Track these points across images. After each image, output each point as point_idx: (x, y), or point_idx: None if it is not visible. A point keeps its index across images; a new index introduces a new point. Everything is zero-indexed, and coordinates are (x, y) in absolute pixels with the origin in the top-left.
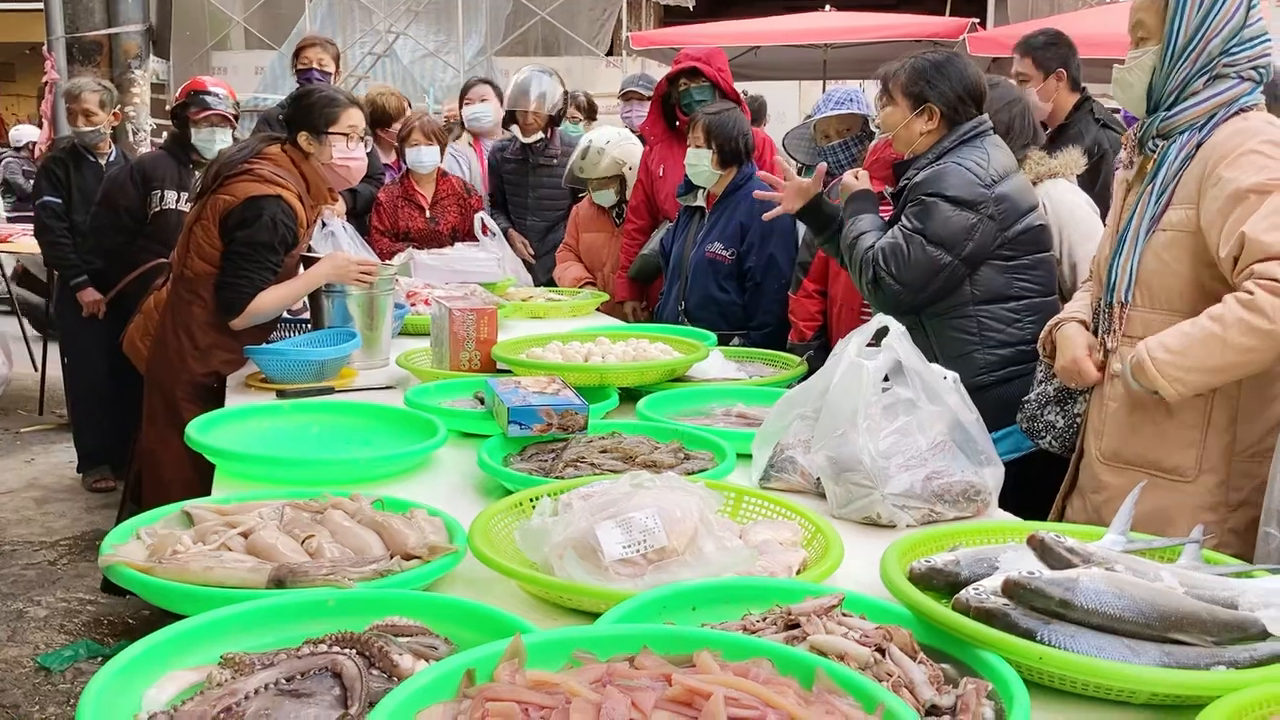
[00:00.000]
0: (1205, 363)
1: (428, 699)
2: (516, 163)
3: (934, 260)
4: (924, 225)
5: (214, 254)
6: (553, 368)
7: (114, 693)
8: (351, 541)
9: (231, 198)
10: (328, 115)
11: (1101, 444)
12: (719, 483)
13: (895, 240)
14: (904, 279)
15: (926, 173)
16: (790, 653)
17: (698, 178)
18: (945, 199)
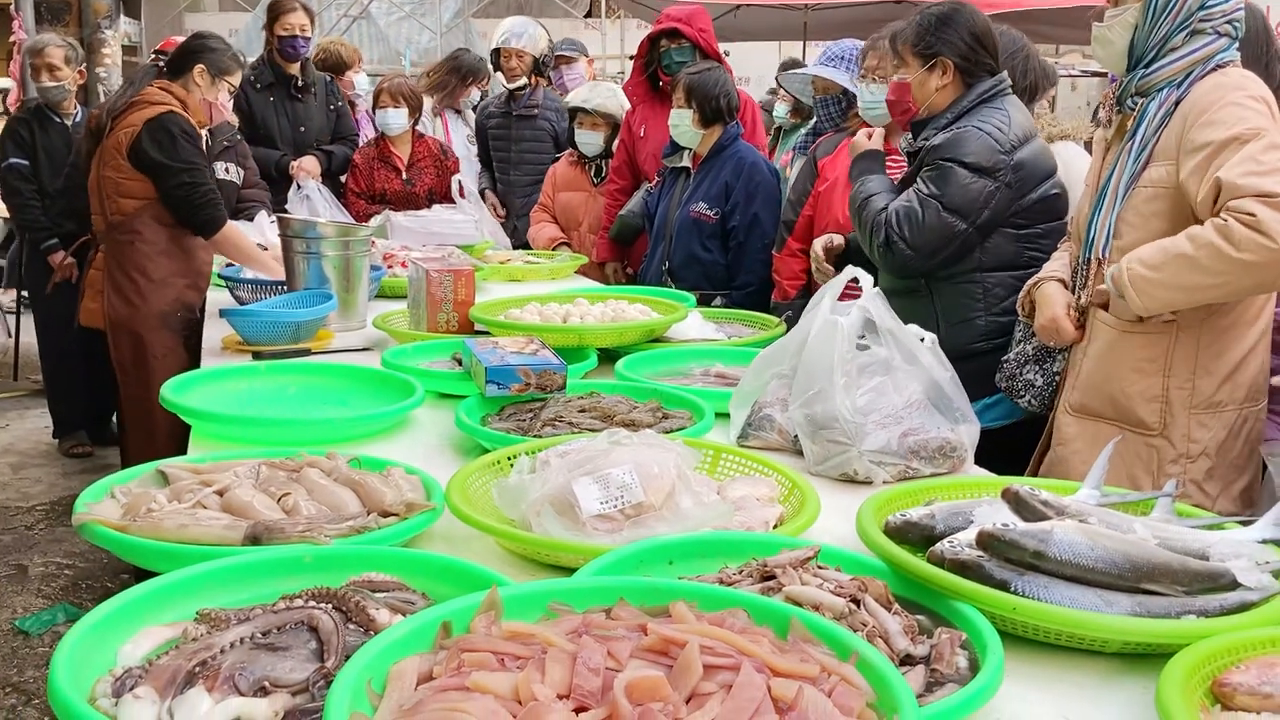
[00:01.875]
0: (1174, 280)
1: (403, 650)
2: (500, 116)
3: (948, 227)
4: (940, 191)
5: (135, 186)
6: (531, 328)
7: (89, 648)
8: (328, 499)
9: (130, 128)
10: (228, 66)
11: (1068, 396)
12: (697, 440)
13: (910, 204)
14: (916, 244)
15: (945, 135)
16: (765, 603)
17: (681, 138)
18: (963, 165)
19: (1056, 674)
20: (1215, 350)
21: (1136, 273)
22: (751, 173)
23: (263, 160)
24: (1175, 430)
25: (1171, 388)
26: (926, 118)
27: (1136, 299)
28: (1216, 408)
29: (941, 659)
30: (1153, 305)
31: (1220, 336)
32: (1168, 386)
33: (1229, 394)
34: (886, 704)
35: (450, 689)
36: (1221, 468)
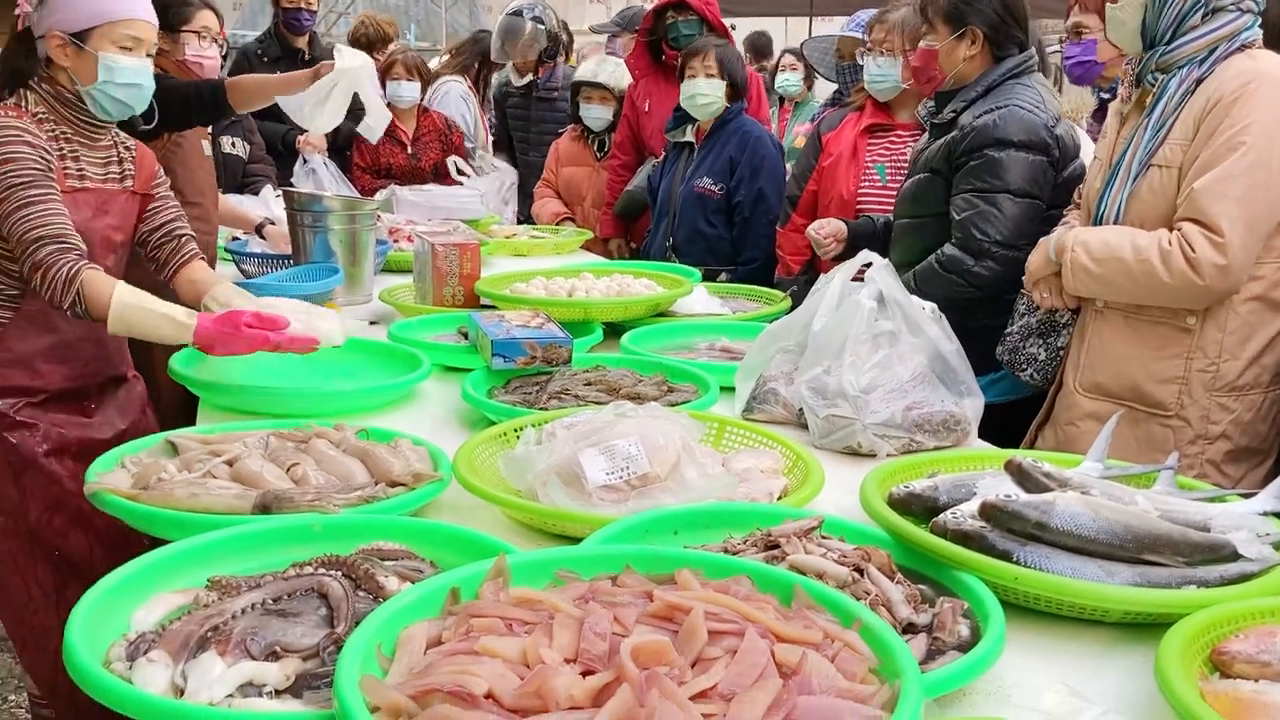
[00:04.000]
0: (1106, 277)
1: (412, 616)
2: (519, 96)
3: (1028, 211)
4: (1002, 179)
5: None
6: (537, 302)
7: (102, 613)
8: (336, 469)
9: None
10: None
11: (1081, 376)
12: (702, 413)
13: (978, 209)
14: (1011, 239)
15: (984, 119)
16: (770, 571)
17: (702, 109)
18: (1014, 145)
19: (1058, 643)
20: (1242, 335)
21: (1078, 259)
22: (756, 147)
23: (269, 134)
24: (1193, 411)
25: (1193, 370)
26: (953, 89)
27: (1070, 280)
28: (1240, 391)
29: (944, 627)
30: (1080, 291)
31: (1248, 319)
32: (1189, 369)
33: (1254, 377)
34: (889, 669)
35: (459, 653)
36: (1242, 450)
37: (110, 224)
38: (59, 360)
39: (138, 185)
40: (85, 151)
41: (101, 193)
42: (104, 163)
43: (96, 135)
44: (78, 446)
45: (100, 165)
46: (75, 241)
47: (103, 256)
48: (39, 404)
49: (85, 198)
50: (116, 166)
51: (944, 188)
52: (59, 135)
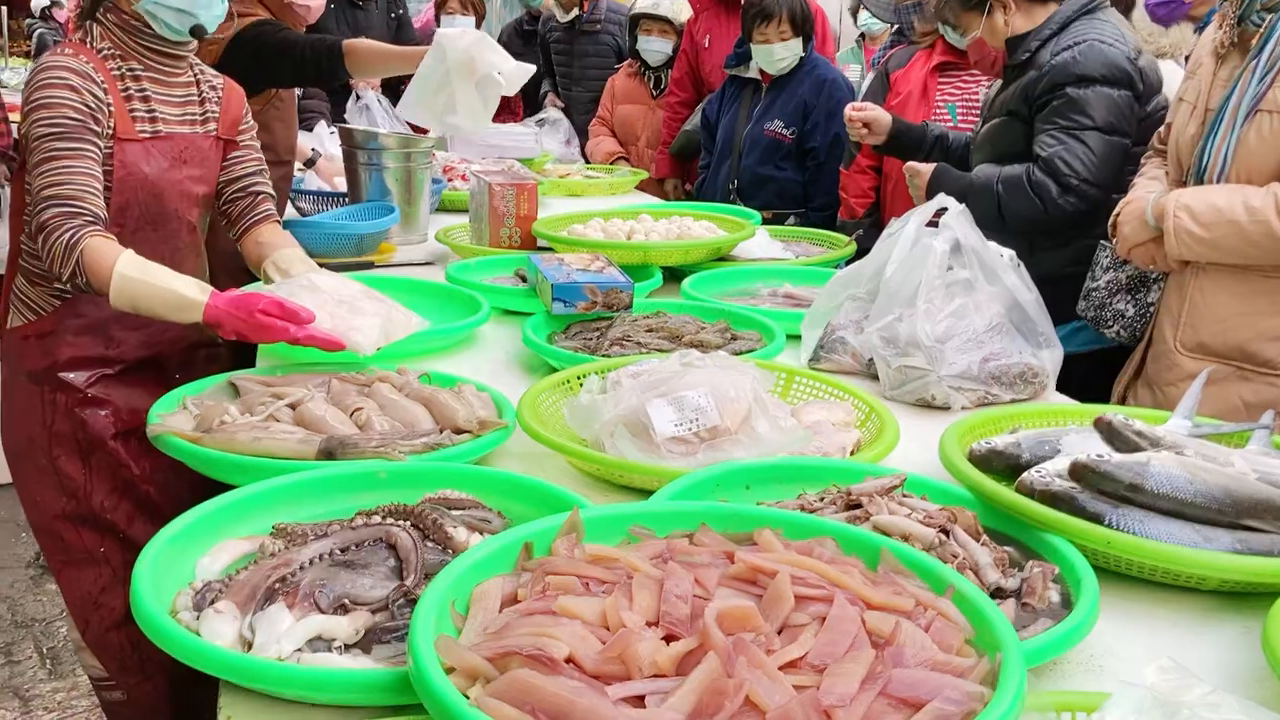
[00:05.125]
0: (1219, 243)
1: (486, 571)
2: (563, 29)
3: (1116, 149)
4: (1090, 116)
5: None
6: (595, 245)
7: (168, 560)
8: (400, 415)
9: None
10: None
11: (1181, 334)
12: (769, 362)
13: (1064, 144)
14: (1099, 178)
15: (1062, 58)
16: (855, 532)
17: (777, 65)
18: (1098, 81)
19: (1151, 609)
20: None
21: (1182, 224)
22: (831, 90)
23: None
24: None
25: None
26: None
27: (1175, 246)
28: None
29: (1034, 593)
30: (1185, 256)
31: None
32: None
33: None
34: (985, 640)
35: (536, 613)
36: None
37: (191, 174)
38: (133, 326)
39: (222, 129)
40: (159, 90)
41: (179, 138)
42: (182, 102)
43: (172, 69)
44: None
45: (178, 105)
46: (88, 205)
47: (186, 211)
48: (115, 376)
49: (161, 145)
50: (197, 107)
51: (1023, 130)
52: (127, 73)
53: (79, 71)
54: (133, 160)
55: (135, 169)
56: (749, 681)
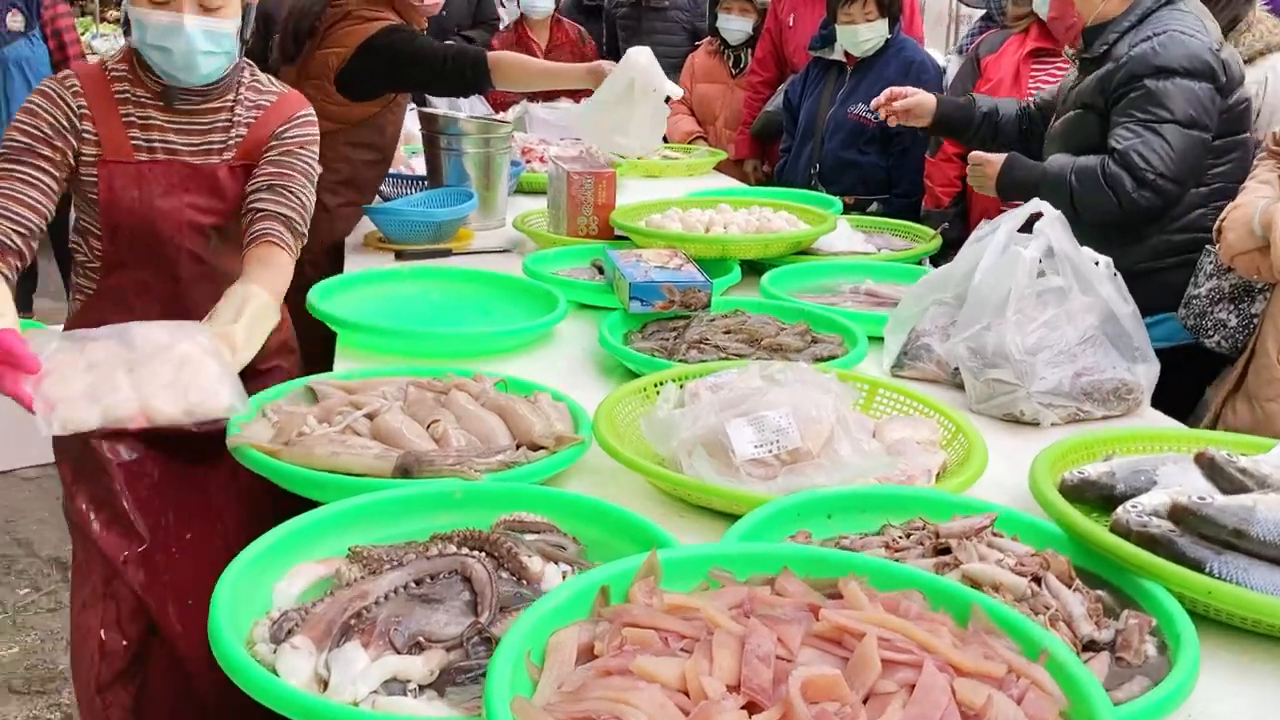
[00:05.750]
0: None
1: (563, 618)
2: (629, 7)
3: (1196, 144)
4: (1169, 109)
5: (335, 110)
6: (673, 238)
7: (247, 585)
8: (476, 427)
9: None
10: None
11: None
12: (851, 373)
13: (1141, 138)
14: (1177, 173)
15: (1141, 50)
16: (944, 585)
17: (863, 46)
18: (1179, 73)
19: (1250, 664)
20: None
21: None
22: (919, 74)
23: None
24: None
25: None
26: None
27: None
28: None
29: (1129, 647)
30: None
31: None
32: None
33: None
34: (1081, 713)
35: (614, 673)
36: None
37: (195, 203)
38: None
39: (239, 156)
40: (169, 118)
41: (181, 166)
42: (202, 131)
43: (182, 100)
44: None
45: (195, 134)
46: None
47: (186, 240)
48: None
49: (157, 171)
50: (220, 135)
51: (1098, 124)
52: (131, 98)
53: (50, 95)
54: (120, 185)
55: (122, 193)
56: None
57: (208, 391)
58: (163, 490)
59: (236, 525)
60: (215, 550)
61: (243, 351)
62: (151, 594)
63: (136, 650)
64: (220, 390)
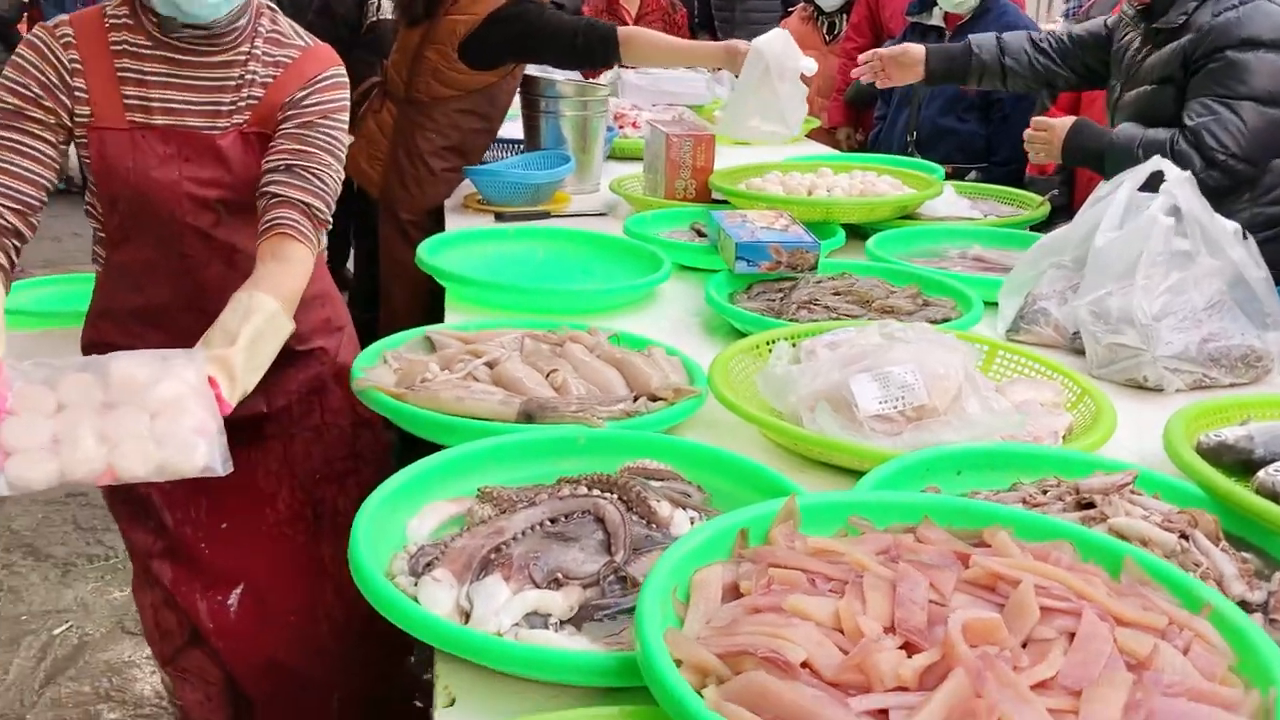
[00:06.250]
0: None
1: (703, 558)
2: None
3: (1272, 122)
4: (1248, 84)
5: (457, 78)
6: (775, 200)
7: (382, 520)
8: (594, 378)
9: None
10: None
11: None
12: (968, 334)
13: (1215, 115)
14: (1250, 153)
15: (1224, 19)
16: (1094, 537)
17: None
18: (1265, 45)
19: None
20: None
21: None
22: None
23: None
24: None
25: None
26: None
27: None
28: None
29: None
30: None
31: None
32: None
33: None
34: (1251, 669)
35: (765, 610)
36: None
37: (196, 175)
38: (152, 324)
39: (253, 121)
40: (171, 72)
41: (179, 133)
42: (208, 88)
43: (195, 49)
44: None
45: (198, 92)
46: None
47: (189, 216)
48: None
49: (151, 138)
50: (229, 94)
51: (1177, 98)
52: (129, 48)
53: (39, 48)
54: (112, 152)
55: (115, 162)
56: (1000, 704)
57: (184, 446)
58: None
59: (288, 506)
60: (260, 535)
61: (243, 379)
62: (179, 590)
63: (192, 626)
64: (197, 445)
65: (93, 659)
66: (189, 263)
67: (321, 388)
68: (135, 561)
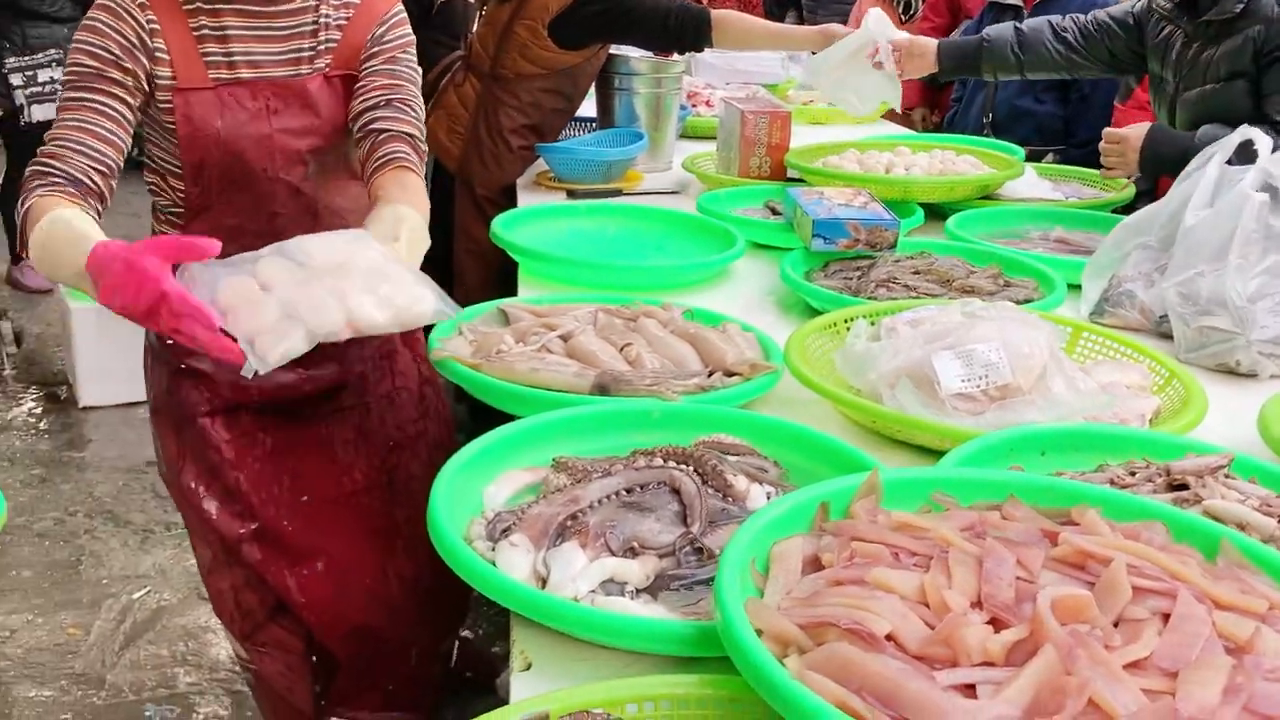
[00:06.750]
0: None
1: (782, 530)
2: None
3: None
4: None
5: (545, 56)
6: (852, 178)
7: (459, 486)
8: (668, 352)
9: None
10: None
11: None
12: (1051, 315)
13: None
14: None
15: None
16: (1187, 518)
17: None
18: None
19: None
20: None
21: None
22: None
23: None
24: None
25: None
26: None
27: None
28: None
29: None
30: None
31: None
32: None
33: None
34: None
35: (847, 582)
36: None
37: (288, 126)
38: None
39: (336, 64)
40: (249, 24)
41: (268, 84)
42: (285, 36)
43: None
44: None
45: (277, 41)
46: (62, 166)
47: (282, 170)
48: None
49: (240, 93)
50: (307, 40)
51: (1254, 94)
52: (203, 6)
53: (114, 9)
54: (200, 114)
55: (204, 124)
56: (1092, 681)
57: (412, 298)
58: (276, 459)
59: (365, 475)
60: (340, 506)
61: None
62: (268, 569)
63: (275, 600)
64: (425, 294)
65: (170, 623)
66: (277, 222)
67: (392, 351)
68: (213, 549)
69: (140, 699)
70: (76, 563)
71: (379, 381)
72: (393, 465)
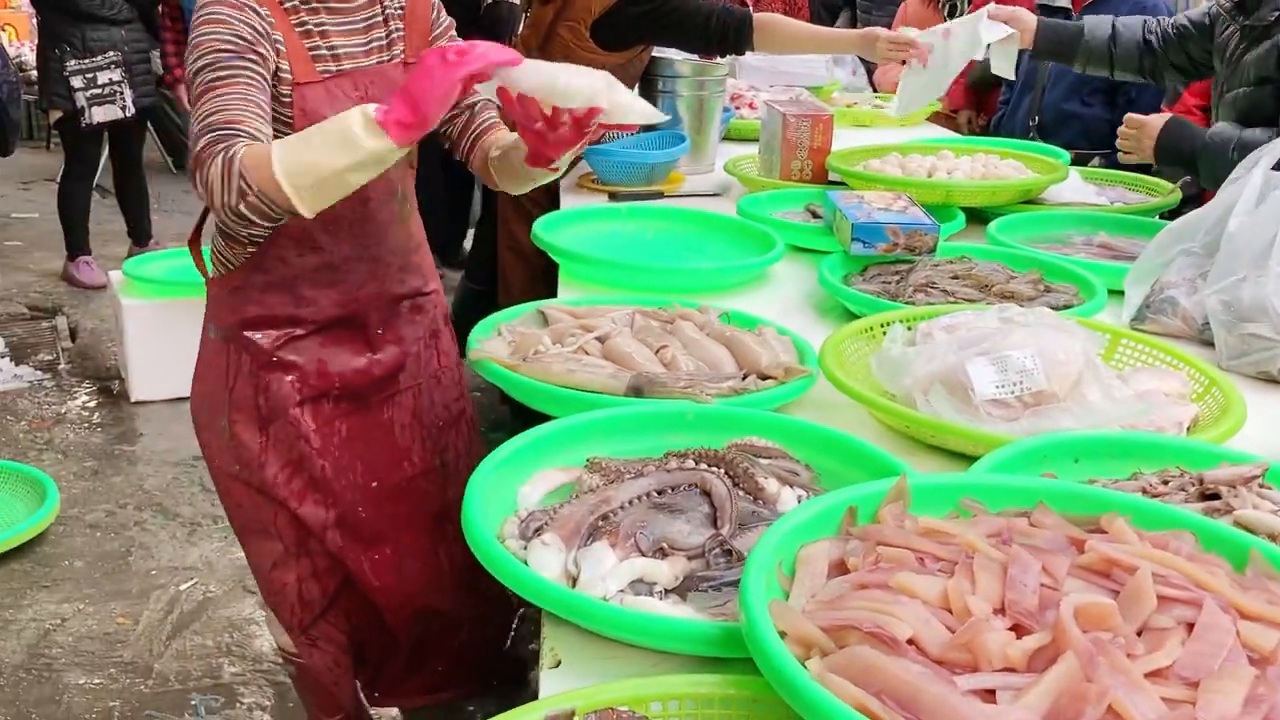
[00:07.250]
0: None
1: (810, 534)
2: None
3: None
4: None
5: (590, 58)
6: (894, 182)
7: (495, 484)
8: (703, 355)
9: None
10: None
11: None
12: (1090, 321)
13: None
14: None
15: None
16: (1217, 527)
17: None
18: None
19: None
20: None
21: None
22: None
23: None
24: None
25: None
26: None
27: None
28: None
29: None
30: None
31: None
32: None
33: None
34: None
35: (871, 586)
36: None
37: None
38: (327, 284)
39: (410, 50)
40: (338, 20)
41: (363, 73)
42: (365, 28)
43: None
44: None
45: (360, 34)
46: (244, 127)
47: None
48: (306, 337)
49: (344, 84)
50: (381, 30)
51: (1276, 99)
52: (301, 6)
53: (233, 4)
54: (314, 106)
55: (317, 115)
56: (1112, 688)
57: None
58: (351, 445)
59: (420, 459)
60: (400, 490)
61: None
62: (348, 555)
63: (335, 591)
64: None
65: (216, 615)
66: (369, 209)
67: (437, 331)
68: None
69: (186, 688)
70: (126, 554)
71: (428, 361)
72: (443, 446)
